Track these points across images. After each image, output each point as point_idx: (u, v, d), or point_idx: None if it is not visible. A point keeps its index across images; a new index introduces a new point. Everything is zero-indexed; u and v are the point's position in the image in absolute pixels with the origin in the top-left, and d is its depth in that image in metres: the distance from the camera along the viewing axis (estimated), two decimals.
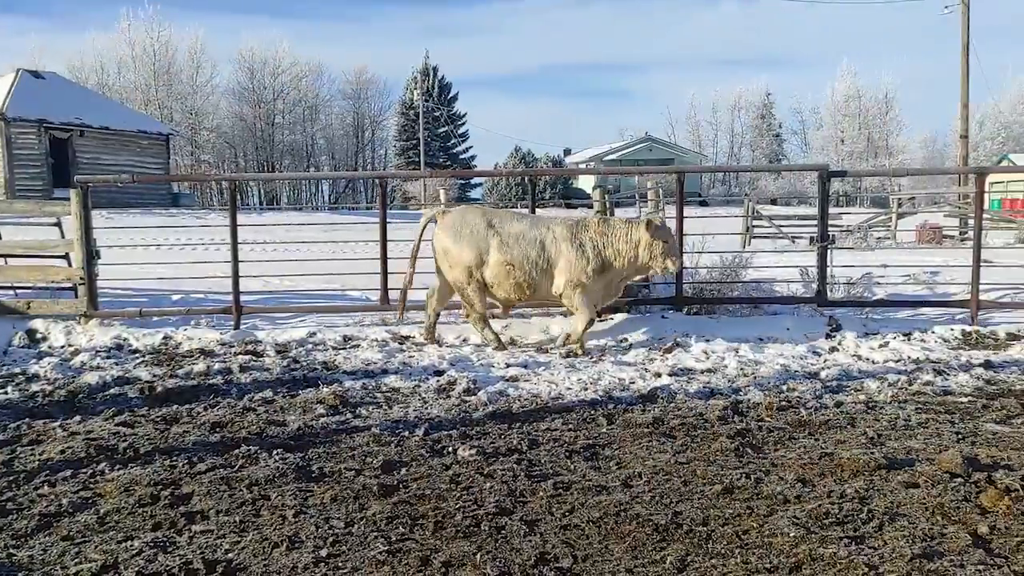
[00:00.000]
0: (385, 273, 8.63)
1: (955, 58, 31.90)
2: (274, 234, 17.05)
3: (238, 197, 9.30)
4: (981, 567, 3.08)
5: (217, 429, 5.09)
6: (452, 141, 75.60)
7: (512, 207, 44.20)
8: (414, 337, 8.00)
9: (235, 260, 8.63)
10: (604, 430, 5.08)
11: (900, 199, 29.77)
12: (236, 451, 4.57)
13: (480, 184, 70.47)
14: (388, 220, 8.95)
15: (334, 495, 3.94)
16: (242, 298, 8.73)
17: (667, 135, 77.35)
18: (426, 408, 5.63)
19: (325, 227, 18.53)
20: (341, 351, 7.47)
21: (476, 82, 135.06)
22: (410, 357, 7.21)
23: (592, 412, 5.47)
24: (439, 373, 6.61)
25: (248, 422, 5.23)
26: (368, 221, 10.68)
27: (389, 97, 78.98)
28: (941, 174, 45.81)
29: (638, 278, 7.97)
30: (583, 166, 64.11)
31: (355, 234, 14.80)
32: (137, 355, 7.39)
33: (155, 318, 8.65)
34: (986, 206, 30.03)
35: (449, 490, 4.02)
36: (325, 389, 6.01)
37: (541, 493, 3.97)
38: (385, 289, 8.68)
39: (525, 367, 6.83)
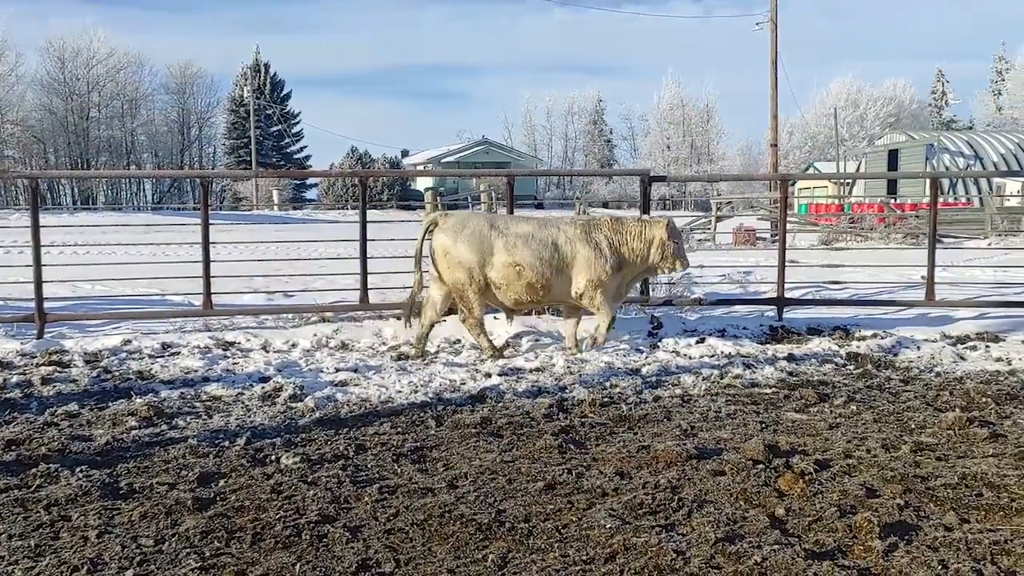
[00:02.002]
0: (208, 277, 8.26)
1: (767, 72, 34.17)
2: (87, 236, 15.96)
3: (48, 196, 8.60)
4: (776, 546, 3.30)
5: (12, 447, 4.69)
6: (286, 140, 73.56)
7: (347, 209, 43.47)
8: (239, 343, 7.70)
9: (37, 263, 8.00)
10: (433, 432, 5.08)
11: (719, 203, 31.66)
12: (34, 470, 4.23)
13: (316, 185, 69.01)
14: (213, 221, 8.57)
15: (144, 512, 3.73)
16: (47, 305, 8.11)
17: (504, 138, 78.64)
18: (249, 416, 5.44)
19: (146, 228, 17.55)
20: (159, 359, 7.09)
21: (311, 80, 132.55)
22: (234, 364, 6.94)
23: (422, 414, 5.46)
24: (265, 380, 6.39)
25: (49, 438, 4.85)
26: (194, 222, 10.25)
27: (217, 93, 75.87)
28: (753, 180, 48.98)
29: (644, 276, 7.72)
30: (421, 167, 64.06)
31: (178, 236, 14.10)
32: None
33: None
34: (795, 210, 32.48)
35: (270, 500, 3.90)
36: (138, 400, 5.68)
37: (366, 498, 3.92)
38: (208, 294, 8.31)
39: (355, 371, 6.72)
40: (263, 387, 6.15)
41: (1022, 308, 9.20)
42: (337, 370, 6.77)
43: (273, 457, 4.53)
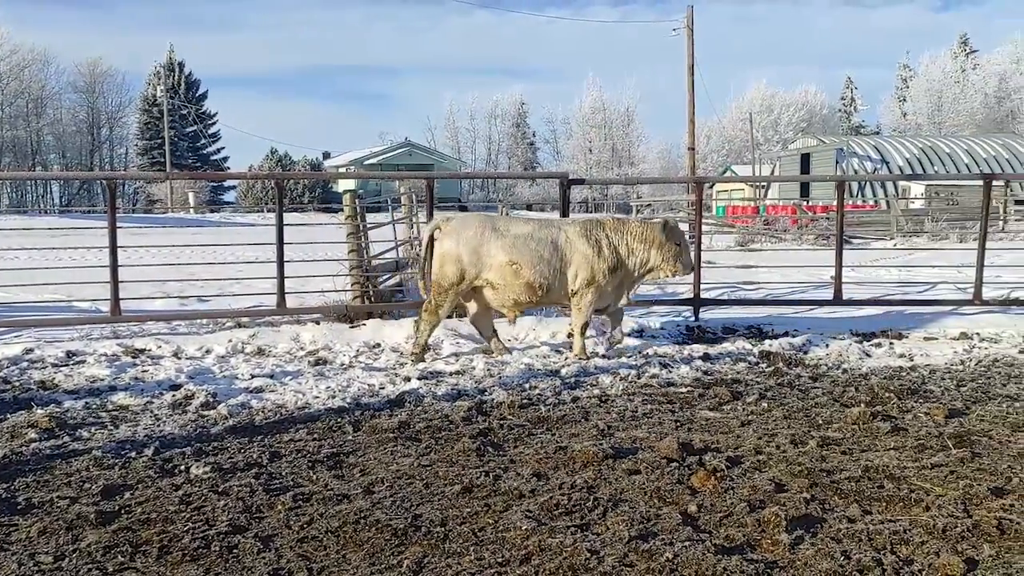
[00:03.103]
0: (115, 282, 7.98)
1: (685, 77, 34.92)
2: None
3: None
4: (688, 543, 3.36)
5: None
6: (202, 141, 71.77)
7: (265, 211, 42.65)
8: (150, 350, 7.46)
9: None
10: (350, 437, 5.02)
11: (639, 206, 32.18)
12: None
13: (234, 187, 67.59)
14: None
15: (43, 527, 3.57)
16: None
17: (427, 140, 78.28)
18: (158, 425, 5.27)
19: (51, 232, 16.87)
20: (62, 368, 6.80)
21: (228, 80, 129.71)
22: (144, 371, 6.71)
23: (339, 420, 5.38)
24: (176, 387, 6.20)
25: None
26: (102, 226, 9.77)
27: (129, 92, 73.55)
28: (669, 183, 50.07)
29: (648, 279, 7.78)
30: (343, 169, 63.29)
31: (86, 240, 13.59)
32: None
33: None
34: (713, 212, 33.26)
35: (178, 511, 3.78)
36: (39, 411, 5.43)
37: (279, 507, 3.84)
38: (116, 299, 8.03)
39: (271, 377, 6.59)
40: (174, 395, 5.97)
41: (924, 306, 9.61)
42: (252, 376, 6.62)
43: (182, 467, 4.40)
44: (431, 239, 7.42)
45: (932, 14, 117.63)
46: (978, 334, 8.34)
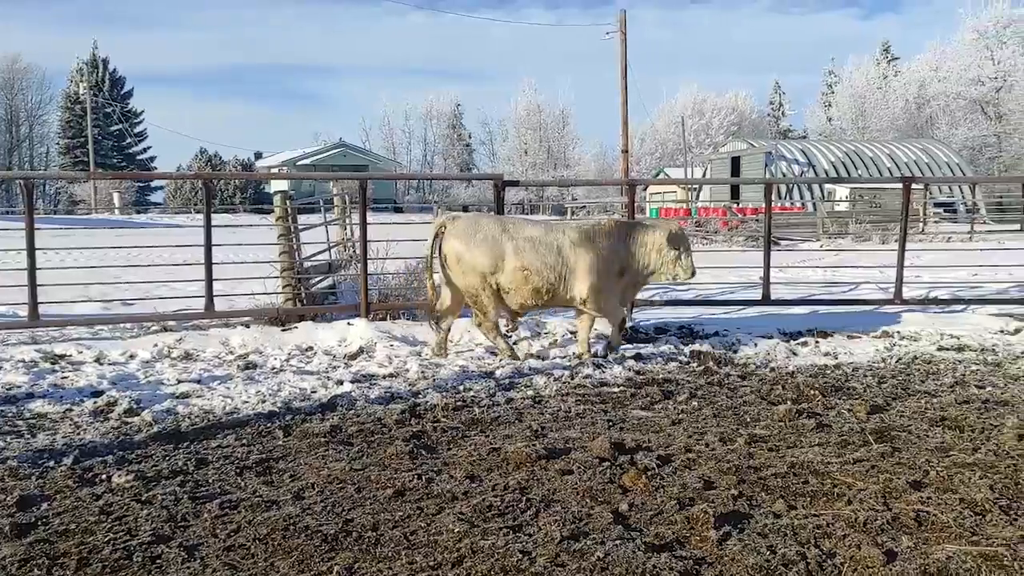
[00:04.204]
0: (33, 285, 7.69)
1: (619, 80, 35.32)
2: None
3: None
4: (619, 541, 3.39)
5: None
6: (128, 140, 69.80)
7: (194, 212, 41.66)
8: (70, 356, 7.21)
9: None
10: (280, 442, 4.93)
11: (574, 208, 32.40)
12: None
13: (162, 188, 66.03)
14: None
15: None
16: None
17: (362, 141, 77.55)
18: (78, 433, 5.10)
19: None
20: None
21: (155, 78, 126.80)
22: (63, 378, 6.49)
23: (269, 425, 5.29)
24: (97, 394, 6.01)
25: None
26: (20, 227, 9.25)
27: (50, 89, 71.17)
28: (604, 185, 50.55)
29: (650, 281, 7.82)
30: (276, 170, 62.26)
31: (3, 242, 13.06)
32: None
33: None
34: (647, 214, 33.68)
35: (98, 522, 3.67)
36: None
37: (205, 515, 3.75)
38: (34, 303, 7.74)
39: (199, 382, 6.43)
40: (95, 402, 5.79)
41: (848, 306, 9.89)
42: (179, 381, 6.46)
43: (104, 476, 4.27)
44: (436, 237, 7.41)
45: (857, 22, 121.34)
46: (899, 332, 8.61)
